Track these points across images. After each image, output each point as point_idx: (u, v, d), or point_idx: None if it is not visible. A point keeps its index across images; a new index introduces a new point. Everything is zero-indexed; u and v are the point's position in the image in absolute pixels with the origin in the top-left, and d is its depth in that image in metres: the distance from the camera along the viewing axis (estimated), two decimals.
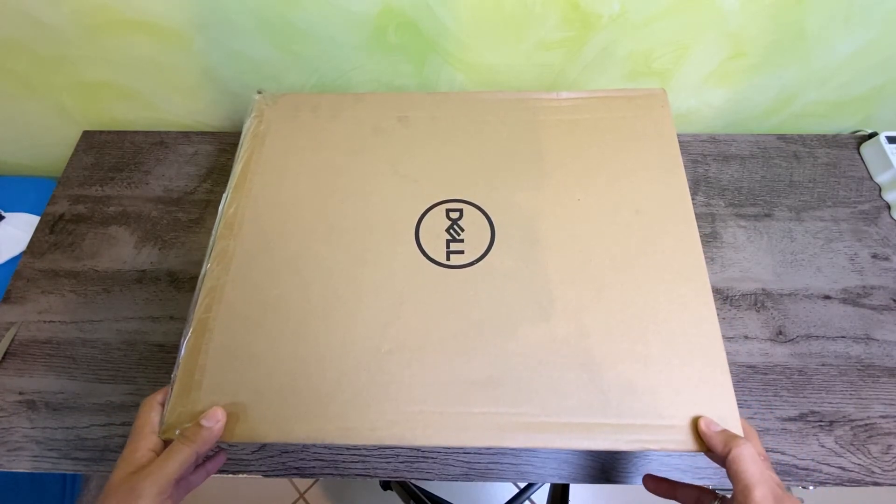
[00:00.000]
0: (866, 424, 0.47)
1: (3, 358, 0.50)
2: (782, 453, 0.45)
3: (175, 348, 0.41)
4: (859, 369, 0.49)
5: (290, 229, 0.45)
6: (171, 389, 0.39)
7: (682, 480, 0.40)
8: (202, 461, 0.40)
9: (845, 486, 0.44)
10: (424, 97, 0.53)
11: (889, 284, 0.54)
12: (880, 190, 0.60)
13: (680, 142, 0.48)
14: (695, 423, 0.36)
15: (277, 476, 0.47)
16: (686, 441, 0.36)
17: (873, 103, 0.64)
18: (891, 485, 0.44)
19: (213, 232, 0.45)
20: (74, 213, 0.59)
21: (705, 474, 0.45)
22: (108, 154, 0.64)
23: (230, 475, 0.46)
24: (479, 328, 0.40)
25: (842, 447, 0.46)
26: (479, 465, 0.46)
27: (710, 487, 0.46)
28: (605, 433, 0.36)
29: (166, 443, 0.36)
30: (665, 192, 0.46)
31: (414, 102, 0.52)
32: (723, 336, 0.40)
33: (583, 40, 0.56)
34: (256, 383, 0.39)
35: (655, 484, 0.40)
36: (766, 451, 0.45)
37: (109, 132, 0.66)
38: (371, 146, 0.50)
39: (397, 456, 0.46)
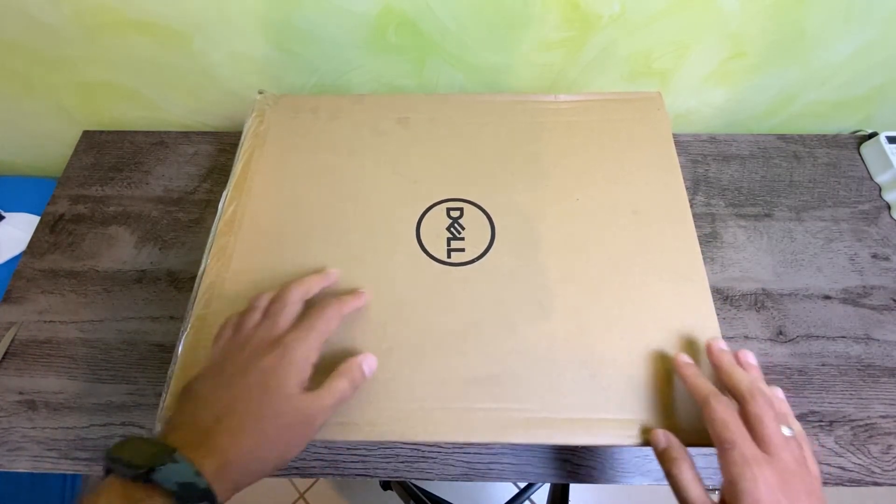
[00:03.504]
0: (866, 424, 0.47)
1: (3, 358, 0.50)
2: None
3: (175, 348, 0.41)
4: (859, 369, 0.49)
5: (290, 228, 0.45)
6: (168, 386, 0.39)
7: None
8: None
9: (845, 486, 0.44)
10: (424, 99, 0.53)
11: (889, 284, 0.53)
12: (880, 190, 0.60)
13: (680, 142, 0.49)
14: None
15: (277, 476, 0.47)
16: (687, 437, 0.36)
17: (873, 103, 0.64)
18: (891, 485, 0.44)
19: (213, 229, 0.45)
20: (74, 213, 0.59)
21: (706, 474, 0.45)
22: (108, 154, 0.64)
23: None
24: (480, 325, 0.40)
25: (842, 447, 0.46)
26: (479, 465, 0.46)
27: (711, 487, 0.46)
28: (606, 429, 0.37)
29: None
30: (662, 193, 0.46)
31: (413, 104, 0.53)
32: (723, 336, 0.40)
33: (583, 40, 0.56)
34: None
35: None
36: None
37: (109, 132, 0.66)
38: (371, 147, 0.50)
39: (397, 456, 0.46)
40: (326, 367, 0.39)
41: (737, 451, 0.31)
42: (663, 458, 0.34)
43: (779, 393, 0.36)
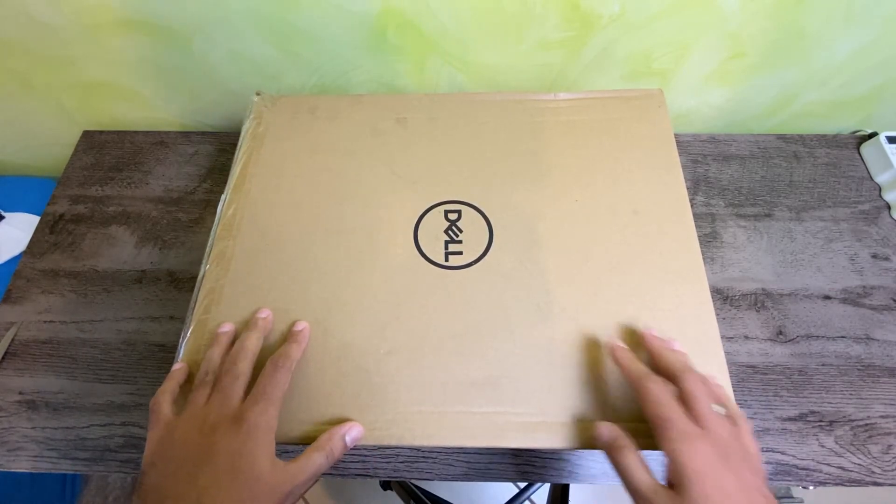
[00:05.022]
0: (866, 424, 0.47)
1: (3, 358, 0.50)
2: (782, 453, 0.45)
3: (175, 348, 0.41)
4: (859, 369, 0.49)
5: (288, 231, 0.45)
6: None
7: None
8: None
9: (845, 486, 0.44)
10: (422, 98, 0.53)
11: (889, 284, 0.53)
12: (880, 190, 0.60)
13: (680, 142, 0.48)
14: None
15: None
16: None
17: (873, 103, 0.64)
18: (891, 485, 0.44)
19: (212, 233, 0.45)
20: (74, 213, 0.60)
21: None
22: (108, 154, 0.64)
23: None
24: (478, 329, 0.40)
25: (842, 447, 0.46)
26: (479, 465, 0.46)
27: None
28: None
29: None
30: (663, 193, 0.46)
31: (412, 104, 0.53)
32: (723, 336, 0.40)
33: (583, 40, 0.56)
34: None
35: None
36: (766, 450, 0.45)
37: (109, 132, 0.66)
38: (369, 147, 0.50)
39: (397, 456, 0.46)
40: (324, 373, 0.39)
41: (673, 428, 0.31)
42: (610, 448, 0.34)
43: (712, 378, 0.36)
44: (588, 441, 0.36)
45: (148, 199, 0.60)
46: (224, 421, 0.31)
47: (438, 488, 0.80)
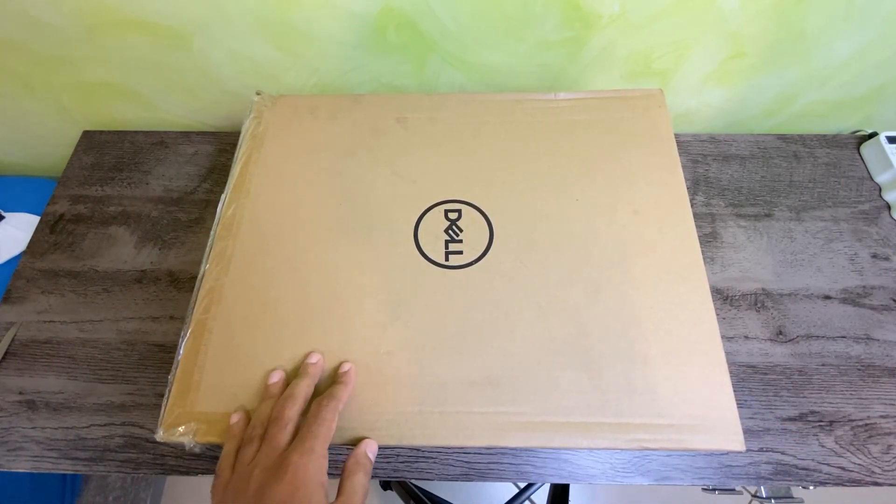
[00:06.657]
0: (866, 424, 0.47)
1: (3, 358, 0.50)
2: (782, 453, 0.45)
3: (175, 348, 0.41)
4: (859, 369, 0.49)
5: (288, 230, 0.45)
6: (169, 390, 0.39)
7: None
8: None
9: (845, 486, 0.44)
10: (422, 98, 0.53)
11: (889, 284, 0.53)
12: (880, 190, 0.60)
13: (680, 142, 0.48)
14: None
15: None
16: (685, 440, 0.36)
17: (873, 103, 0.64)
18: (891, 485, 0.44)
19: (212, 232, 0.45)
20: (74, 213, 0.60)
21: (705, 474, 0.45)
22: (108, 154, 0.64)
23: None
24: (478, 328, 0.40)
25: (842, 447, 0.46)
26: (479, 465, 0.46)
27: (710, 487, 0.46)
28: (604, 432, 0.37)
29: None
30: (663, 193, 0.46)
31: (412, 104, 0.53)
32: (723, 336, 0.40)
33: (583, 40, 0.56)
34: (255, 384, 0.39)
35: None
36: (767, 450, 0.45)
37: (109, 132, 0.66)
38: (369, 147, 0.50)
39: (397, 456, 0.46)
40: (324, 372, 0.39)
41: None
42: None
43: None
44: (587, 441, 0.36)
45: (148, 199, 0.60)
46: (267, 473, 0.31)
47: (438, 488, 0.80)
